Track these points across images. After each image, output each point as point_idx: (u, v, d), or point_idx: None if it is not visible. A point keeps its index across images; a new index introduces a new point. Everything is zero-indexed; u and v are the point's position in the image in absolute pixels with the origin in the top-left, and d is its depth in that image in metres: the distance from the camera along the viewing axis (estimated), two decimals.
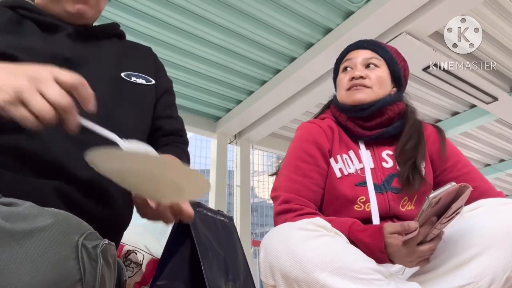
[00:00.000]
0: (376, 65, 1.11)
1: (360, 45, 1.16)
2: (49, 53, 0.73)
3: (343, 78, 1.13)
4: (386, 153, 1.07)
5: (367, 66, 1.11)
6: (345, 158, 1.06)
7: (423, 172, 1.02)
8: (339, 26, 2.23)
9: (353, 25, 2.11)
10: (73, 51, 0.78)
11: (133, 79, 0.84)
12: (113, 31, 0.93)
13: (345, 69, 1.15)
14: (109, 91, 0.77)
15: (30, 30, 0.77)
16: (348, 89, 1.09)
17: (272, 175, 1.14)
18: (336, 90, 1.22)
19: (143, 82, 0.87)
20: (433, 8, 1.93)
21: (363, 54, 1.13)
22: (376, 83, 1.08)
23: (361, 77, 1.08)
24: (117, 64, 0.84)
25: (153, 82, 0.89)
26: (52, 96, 0.49)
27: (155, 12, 2.08)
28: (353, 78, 1.09)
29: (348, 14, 2.17)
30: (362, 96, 1.06)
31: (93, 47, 0.83)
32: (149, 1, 2.02)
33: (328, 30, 2.29)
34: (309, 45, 2.42)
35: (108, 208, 0.68)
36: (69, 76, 0.52)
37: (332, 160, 1.06)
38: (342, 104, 1.11)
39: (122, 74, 0.83)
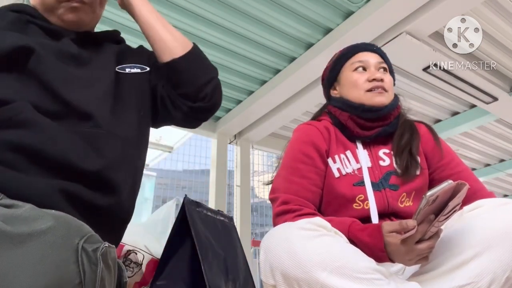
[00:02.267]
0: (386, 70, 1.15)
1: (370, 48, 1.19)
2: (58, 49, 0.77)
3: (360, 78, 1.12)
4: (382, 152, 1.09)
5: (381, 70, 1.14)
6: (343, 158, 1.07)
7: (419, 160, 1.06)
8: (339, 26, 2.22)
9: (353, 25, 2.11)
10: (78, 51, 0.82)
11: (127, 70, 0.88)
12: (113, 38, 0.97)
13: (361, 69, 1.14)
14: (109, 88, 0.80)
15: (35, 33, 0.80)
16: (369, 90, 1.10)
17: (268, 184, 1.14)
18: (332, 87, 1.24)
19: (138, 70, 0.90)
20: (433, 8, 1.92)
21: (375, 58, 1.15)
22: (390, 87, 1.12)
23: (382, 79, 1.10)
24: (115, 62, 0.88)
25: (148, 69, 0.92)
26: None
27: None
28: (373, 79, 1.10)
29: (348, 14, 2.16)
30: (384, 99, 1.09)
31: (94, 51, 0.87)
32: (149, 1, 2.01)
33: (328, 30, 2.29)
34: (309, 45, 2.41)
35: (114, 198, 0.69)
36: None
37: (330, 160, 1.07)
38: (353, 103, 1.11)
39: (117, 68, 0.87)
